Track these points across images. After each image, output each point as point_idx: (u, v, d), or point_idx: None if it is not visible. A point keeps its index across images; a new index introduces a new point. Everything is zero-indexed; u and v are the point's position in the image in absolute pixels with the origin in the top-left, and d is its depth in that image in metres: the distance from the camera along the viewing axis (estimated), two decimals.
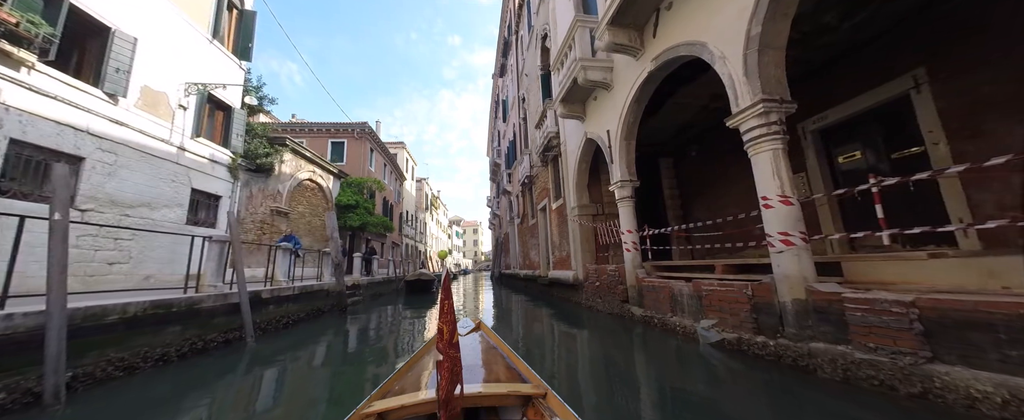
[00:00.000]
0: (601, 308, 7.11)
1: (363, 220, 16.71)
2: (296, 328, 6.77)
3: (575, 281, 8.51)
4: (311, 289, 8.06)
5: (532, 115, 13.64)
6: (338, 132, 20.91)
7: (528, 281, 14.54)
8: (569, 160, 9.16)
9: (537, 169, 12.68)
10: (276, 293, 6.60)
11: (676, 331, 4.71)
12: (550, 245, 11.35)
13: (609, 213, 8.81)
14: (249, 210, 11.04)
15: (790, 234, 3.22)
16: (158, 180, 7.99)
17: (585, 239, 8.47)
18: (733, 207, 7.74)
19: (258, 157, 11.18)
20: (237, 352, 4.87)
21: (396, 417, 1.62)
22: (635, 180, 6.42)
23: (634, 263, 6.11)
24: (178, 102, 8.50)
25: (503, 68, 22.01)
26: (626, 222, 6.39)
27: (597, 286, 7.42)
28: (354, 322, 7.87)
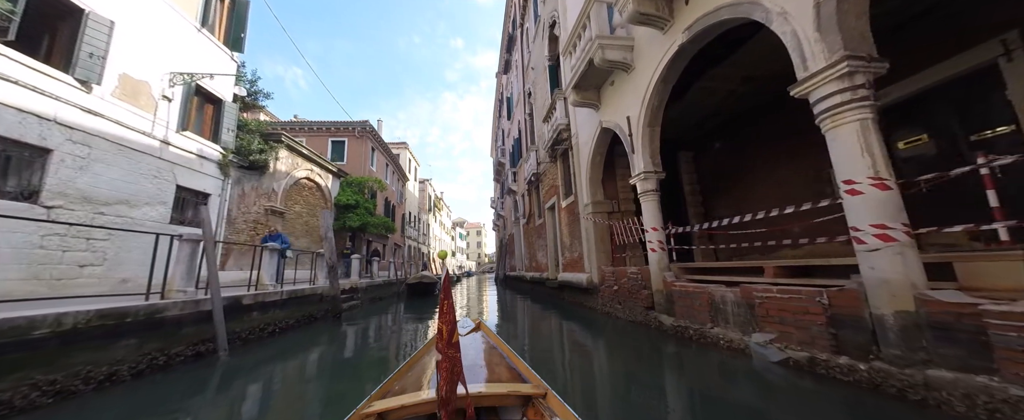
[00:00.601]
0: (621, 315, 6.39)
1: (363, 220, 16.10)
2: (283, 337, 6.12)
3: (589, 284, 7.79)
4: (302, 293, 7.41)
5: (539, 109, 12.97)
6: (338, 131, 20.39)
7: (535, 284, 13.82)
8: (581, 153, 8.46)
9: (545, 165, 11.99)
10: (260, 298, 5.96)
11: (719, 345, 3.98)
12: (560, 246, 10.64)
13: (625, 210, 8.10)
14: (241, 209, 10.45)
15: (889, 227, 2.50)
16: (138, 176, 7.40)
17: (600, 239, 7.75)
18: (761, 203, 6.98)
19: (251, 154, 10.61)
20: (207, 367, 4.21)
21: (396, 417, 1.61)
22: (660, 171, 5.71)
23: (660, 265, 5.39)
24: (162, 93, 7.93)
25: (507, 64, 21.40)
26: (651, 219, 5.67)
27: (615, 290, 6.70)
28: (349, 329, 7.21)
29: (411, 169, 32.82)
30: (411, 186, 32.77)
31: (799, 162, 6.36)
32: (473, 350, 2.51)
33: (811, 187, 6.08)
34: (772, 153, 6.95)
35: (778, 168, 6.82)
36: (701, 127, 8.27)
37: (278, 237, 8.06)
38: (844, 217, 3.70)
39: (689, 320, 4.57)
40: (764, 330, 3.46)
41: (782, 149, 6.68)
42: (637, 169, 5.82)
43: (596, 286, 7.58)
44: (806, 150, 6.21)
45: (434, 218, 44.69)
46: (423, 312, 10.10)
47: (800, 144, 6.31)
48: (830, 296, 2.88)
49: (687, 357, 4.01)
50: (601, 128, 7.24)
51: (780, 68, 5.79)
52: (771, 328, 3.38)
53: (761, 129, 7.16)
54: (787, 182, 6.62)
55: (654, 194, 5.70)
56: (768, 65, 5.73)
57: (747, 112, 7.32)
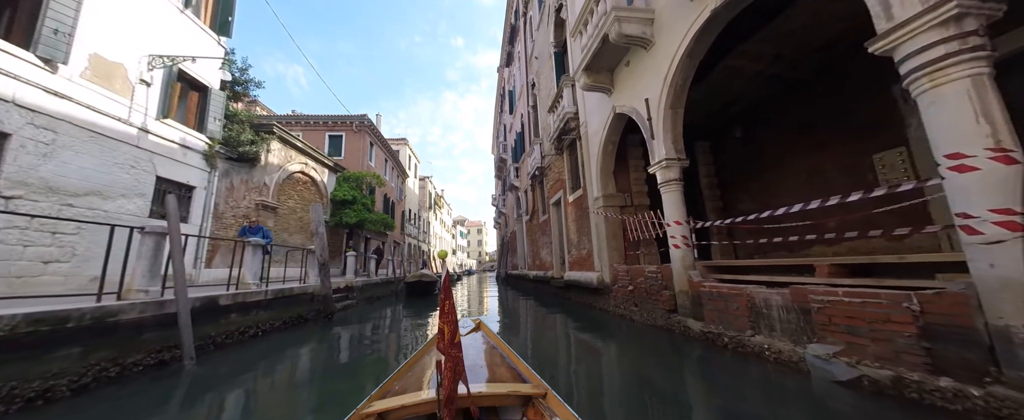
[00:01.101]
0: (637, 318, 5.81)
1: (361, 217, 15.55)
2: (266, 340, 5.56)
3: (600, 284, 7.22)
4: (290, 293, 6.86)
5: (543, 100, 12.38)
6: (336, 125, 19.81)
7: (539, 283, 13.26)
8: (590, 143, 7.88)
9: (550, 158, 11.40)
10: (241, 299, 5.40)
11: (763, 356, 3.41)
12: (566, 243, 10.07)
13: (639, 204, 7.52)
14: (230, 203, 9.90)
15: (1016, 212, 1.92)
16: (113, 165, 6.84)
17: (612, 235, 7.17)
18: (789, 196, 6.40)
19: (240, 145, 10.04)
20: (169, 378, 3.65)
21: (396, 417, 1.60)
22: (683, 158, 5.13)
23: (685, 263, 4.81)
24: (139, 77, 7.36)
25: (509, 57, 20.79)
26: (673, 211, 5.09)
27: (630, 291, 6.12)
28: (341, 331, 6.65)
29: (411, 166, 32.26)
30: (411, 183, 32.21)
31: (834, 150, 5.76)
32: (473, 350, 2.48)
33: (849, 176, 5.48)
34: (802, 141, 6.35)
35: (809, 157, 6.23)
36: (721, 114, 7.66)
37: (259, 230, 7.39)
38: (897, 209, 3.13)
39: (722, 326, 3.99)
40: (825, 340, 2.88)
41: (815, 136, 6.08)
42: (657, 156, 5.23)
43: (608, 286, 7.00)
44: (844, 136, 5.61)
45: (435, 216, 44.15)
46: (422, 312, 9.54)
47: (836, 130, 5.71)
48: (923, 301, 2.30)
49: (723, 370, 3.44)
50: (614, 114, 6.65)
51: (821, 41, 5.21)
52: (835, 339, 2.80)
53: (790, 115, 6.55)
54: (820, 172, 6.02)
55: (677, 184, 5.11)
56: (807, 38, 5.13)
57: (774, 96, 6.71)
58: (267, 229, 7.56)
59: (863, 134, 5.31)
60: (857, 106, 5.39)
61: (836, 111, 5.70)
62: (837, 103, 5.68)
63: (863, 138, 5.31)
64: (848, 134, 5.54)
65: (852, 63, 5.36)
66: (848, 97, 5.52)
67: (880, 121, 5.05)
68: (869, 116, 5.22)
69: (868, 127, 5.22)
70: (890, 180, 4.94)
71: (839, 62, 5.55)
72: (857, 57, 5.28)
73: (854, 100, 5.43)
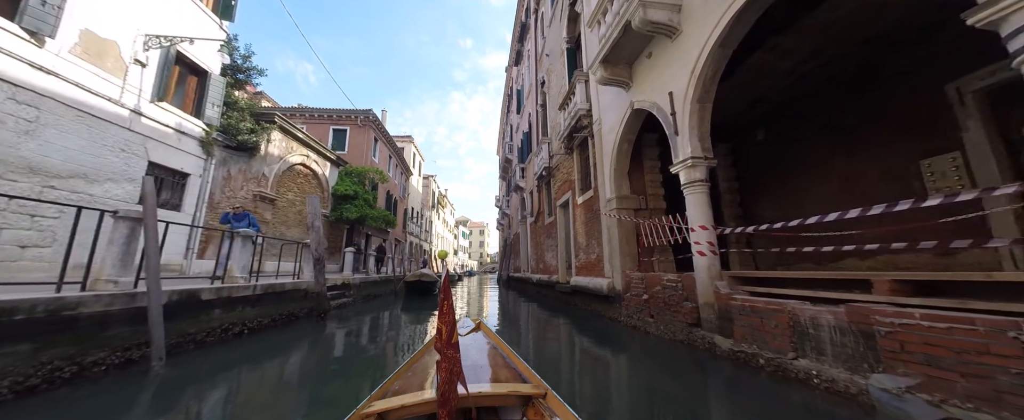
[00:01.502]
0: (652, 331, 5.35)
1: (362, 212, 15.18)
2: (251, 339, 5.17)
3: (610, 292, 6.77)
4: (281, 288, 6.46)
5: (553, 98, 11.98)
6: (340, 119, 19.52)
7: (542, 287, 12.80)
8: (604, 141, 7.45)
9: (559, 158, 10.99)
10: (225, 293, 5.01)
11: (810, 383, 2.95)
12: (573, 246, 9.62)
13: (654, 207, 7.08)
14: (226, 193, 9.55)
15: None
16: (101, 147, 6.50)
17: (625, 239, 6.73)
18: (817, 204, 5.96)
19: (239, 133, 9.71)
20: (133, 380, 3.26)
21: (396, 417, 1.59)
22: (710, 157, 4.69)
23: (711, 273, 4.36)
24: (134, 56, 7.04)
25: (519, 55, 20.44)
26: (698, 215, 4.64)
27: (645, 300, 5.67)
28: (334, 331, 6.25)
29: (415, 164, 31.97)
30: (414, 181, 31.91)
31: (874, 154, 5.30)
32: (473, 350, 2.48)
33: (891, 183, 5.02)
34: (837, 144, 5.89)
35: (844, 162, 5.76)
36: (745, 115, 7.22)
37: (244, 217, 6.78)
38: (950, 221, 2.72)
39: (757, 345, 3.53)
40: (894, 371, 2.43)
41: (852, 139, 5.62)
42: (681, 154, 4.80)
43: (619, 294, 6.55)
44: (886, 140, 5.15)
45: (437, 215, 43.83)
46: (421, 313, 9.13)
47: (878, 133, 5.25)
48: None
49: (759, 395, 2.99)
50: (632, 110, 6.22)
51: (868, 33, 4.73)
52: (910, 370, 2.34)
53: (823, 116, 6.10)
54: (856, 178, 5.56)
55: (702, 185, 4.67)
56: (851, 30, 4.69)
57: (806, 95, 6.26)
58: (254, 217, 6.96)
59: (909, 138, 4.84)
60: (904, 107, 4.93)
61: (878, 112, 5.25)
62: (880, 103, 5.23)
63: (909, 142, 4.85)
64: (892, 137, 5.08)
65: (902, 58, 4.91)
66: (893, 97, 5.06)
67: (930, 124, 4.59)
68: (917, 118, 4.76)
69: (916, 130, 4.76)
70: (941, 189, 4.48)
71: (885, 58, 5.10)
72: (908, 51, 4.84)
73: (900, 100, 4.97)
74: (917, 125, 4.75)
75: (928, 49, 4.61)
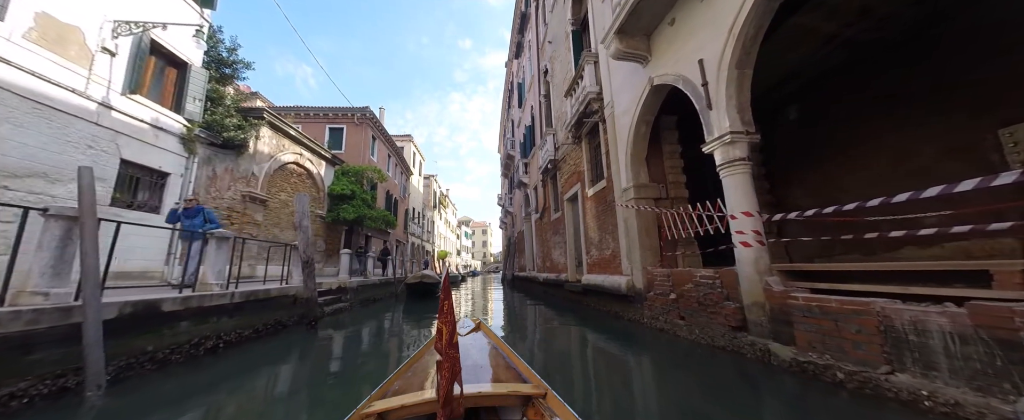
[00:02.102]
0: (684, 334, 4.68)
1: (360, 212, 14.57)
2: (229, 354, 4.55)
3: (630, 290, 6.10)
4: (266, 295, 5.84)
5: (558, 86, 11.32)
6: (337, 117, 18.93)
7: (550, 286, 12.15)
8: (618, 125, 6.78)
9: (566, 149, 10.32)
10: (194, 303, 4.38)
11: (921, 406, 2.29)
12: (584, 242, 8.96)
13: (676, 196, 6.41)
14: (212, 193, 8.95)
15: None
16: (64, 143, 5.90)
17: (645, 232, 6.06)
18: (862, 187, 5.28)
19: (225, 130, 9.11)
20: (60, 416, 2.63)
21: (396, 417, 1.59)
22: (753, 132, 4.03)
23: (759, 267, 3.69)
24: (101, 44, 6.43)
25: (519, 47, 19.77)
26: (740, 200, 3.98)
27: (673, 300, 5.01)
28: (325, 341, 5.63)
29: (415, 163, 31.37)
30: (415, 181, 31.32)
31: (936, 127, 4.60)
32: (474, 350, 2.47)
33: (960, 159, 4.33)
34: (884, 119, 5.20)
35: (896, 138, 5.07)
36: (773, 93, 6.52)
37: (198, 212, 5.71)
38: None
39: (832, 355, 2.86)
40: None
41: (906, 112, 4.93)
42: (718, 130, 4.13)
43: (640, 293, 5.89)
44: (952, 110, 4.46)
45: (439, 215, 43.25)
46: (423, 316, 8.50)
47: (940, 102, 4.56)
48: None
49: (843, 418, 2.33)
50: (651, 87, 5.55)
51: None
52: None
53: (870, 88, 5.41)
54: (912, 155, 4.87)
55: (744, 165, 4.01)
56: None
57: (846, 67, 5.58)
58: (211, 211, 5.89)
59: (983, 105, 4.15)
60: (974, 71, 4.24)
61: (941, 79, 4.55)
62: (943, 69, 4.53)
63: (982, 111, 4.16)
64: (958, 107, 4.39)
65: (971, 13, 4.21)
66: (960, 60, 4.37)
67: (1012, 87, 3.90)
68: (993, 83, 4.07)
69: (991, 96, 4.07)
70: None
71: (948, 16, 4.41)
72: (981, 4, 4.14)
73: (969, 63, 4.28)
74: (994, 91, 4.06)
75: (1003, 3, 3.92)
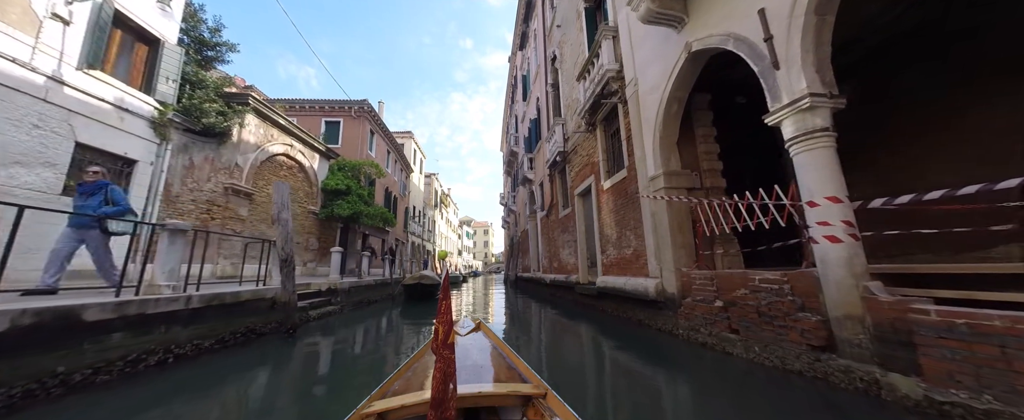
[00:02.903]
0: (738, 352, 3.80)
1: (356, 209, 13.76)
2: (176, 370, 3.71)
3: (659, 295, 5.23)
4: (234, 299, 5.00)
5: (569, 71, 10.46)
6: (333, 110, 18.15)
7: (558, 289, 11.28)
8: (644, 105, 5.91)
9: (578, 138, 9.45)
10: (132, 310, 3.54)
11: None
12: (598, 240, 8.09)
13: (711, 186, 5.54)
14: (189, 185, 8.14)
15: None
16: (2, 121, 5.09)
17: (677, 227, 5.19)
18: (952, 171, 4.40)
19: (205, 115, 8.29)
20: None
21: (396, 417, 1.58)
22: (836, 95, 3.16)
23: (853, 269, 2.82)
24: (51, 9, 5.61)
25: (524, 38, 18.94)
26: (824, 182, 3.11)
27: (719, 309, 4.13)
28: (303, 352, 4.79)
29: (416, 161, 30.58)
30: (416, 179, 30.52)
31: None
32: (474, 350, 2.45)
33: None
34: (977, 92, 4.31)
35: (992, 115, 4.18)
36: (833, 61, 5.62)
37: (101, 189, 4.14)
38: None
39: (993, 395, 1.98)
40: None
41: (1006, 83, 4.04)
42: (788, 94, 3.26)
43: (673, 298, 5.01)
44: None
45: (440, 215, 42.45)
46: (422, 321, 7.65)
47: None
48: None
49: None
50: (689, 54, 4.69)
51: None
52: None
53: (959, 55, 4.51)
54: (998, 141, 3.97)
55: (826, 138, 3.15)
56: None
57: (920, 29, 4.69)
58: (118, 190, 4.33)
59: None
60: None
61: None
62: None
63: None
64: None
65: None
66: None
67: None
68: None
69: None
70: None
71: None
72: None
73: None
74: None
75: None
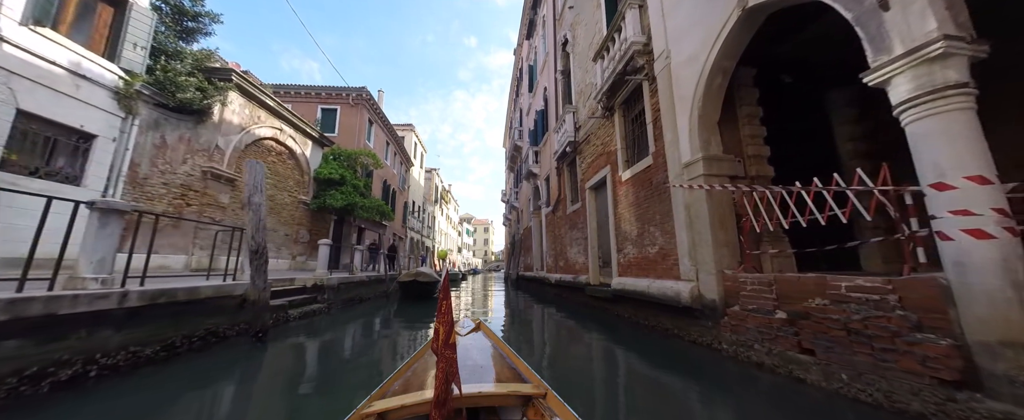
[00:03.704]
0: (817, 380, 2.98)
1: (350, 200, 12.94)
2: (102, 384, 2.92)
3: (695, 301, 4.41)
4: (190, 296, 4.19)
5: (582, 53, 9.63)
6: (329, 97, 17.31)
7: (565, 289, 10.48)
8: (677, 81, 5.09)
9: (593, 125, 8.62)
10: (32, 310, 2.73)
11: None
12: (614, 237, 7.28)
13: (758, 174, 4.71)
14: (160, 166, 7.33)
15: None
16: None
17: (719, 222, 4.37)
18: None
19: (180, 89, 7.47)
20: None
21: (396, 417, 1.57)
22: (976, 39, 2.33)
23: (1013, 276, 2.00)
24: None
25: (531, 25, 18.09)
26: (959, 156, 2.29)
27: (783, 322, 3.31)
28: (270, 362, 4.00)
29: (416, 155, 29.74)
30: (416, 173, 29.69)
31: None
32: (474, 350, 2.44)
33: None
34: None
35: None
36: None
37: None
38: None
39: None
40: None
41: None
42: (907, 41, 2.44)
43: (713, 305, 4.20)
44: None
45: (441, 211, 41.64)
46: (417, 322, 6.87)
47: None
48: None
49: None
50: (743, 11, 3.87)
51: None
52: None
53: None
54: None
55: (963, 97, 2.31)
56: None
57: None
58: None
59: None
60: None
61: None
62: None
63: None
64: None
65: None
66: None
67: None
68: None
69: None
70: None
71: None
72: None
73: None
74: None
75: None
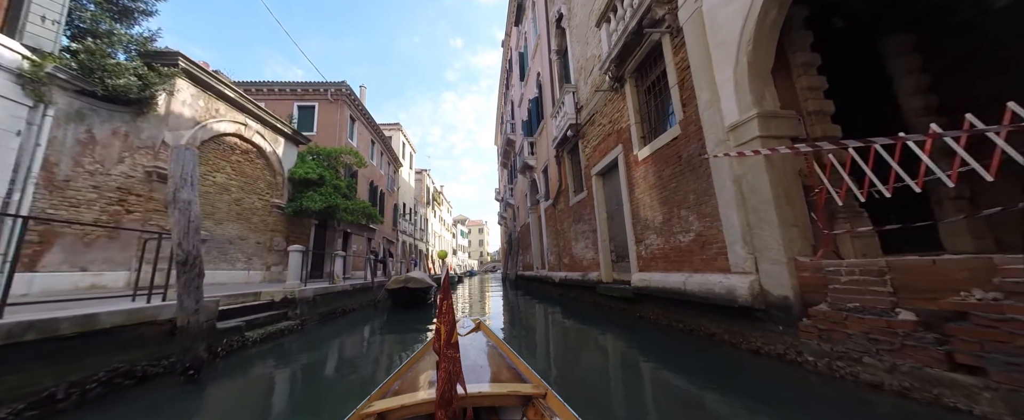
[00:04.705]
0: (984, 410, 2.00)
1: (331, 202, 11.75)
2: None
3: (756, 299, 3.42)
4: (86, 327, 3.06)
5: (581, 25, 8.64)
6: (306, 93, 16.08)
7: (571, 289, 9.48)
8: (714, 24, 4.09)
9: (598, 102, 7.61)
10: None
11: None
12: (631, 227, 6.28)
13: (821, 134, 3.74)
14: (87, 166, 6.12)
15: None
16: None
17: (784, 196, 3.39)
18: None
19: (110, 74, 6.27)
20: None
21: (396, 417, 1.59)
22: None
23: None
24: None
25: (520, 10, 17.08)
26: None
27: (911, 325, 2.32)
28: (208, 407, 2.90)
29: (405, 155, 28.51)
30: (405, 174, 28.44)
31: None
32: (474, 350, 2.45)
33: None
34: None
35: None
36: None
37: None
38: None
39: None
40: None
41: None
42: None
43: (785, 304, 3.20)
44: None
45: (433, 213, 40.39)
46: (410, 337, 5.78)
47: None
48: None
49: None
50: None
51: None
52: None
53: None
54: None
55: None
56: None
57: None
58: None
59: None
60: None
61: None
62: None
63: None
64: None
65: None
66: None
67: None
68: None
69: None
70: None
71: None
72: None
73: None
74: None
75: None
